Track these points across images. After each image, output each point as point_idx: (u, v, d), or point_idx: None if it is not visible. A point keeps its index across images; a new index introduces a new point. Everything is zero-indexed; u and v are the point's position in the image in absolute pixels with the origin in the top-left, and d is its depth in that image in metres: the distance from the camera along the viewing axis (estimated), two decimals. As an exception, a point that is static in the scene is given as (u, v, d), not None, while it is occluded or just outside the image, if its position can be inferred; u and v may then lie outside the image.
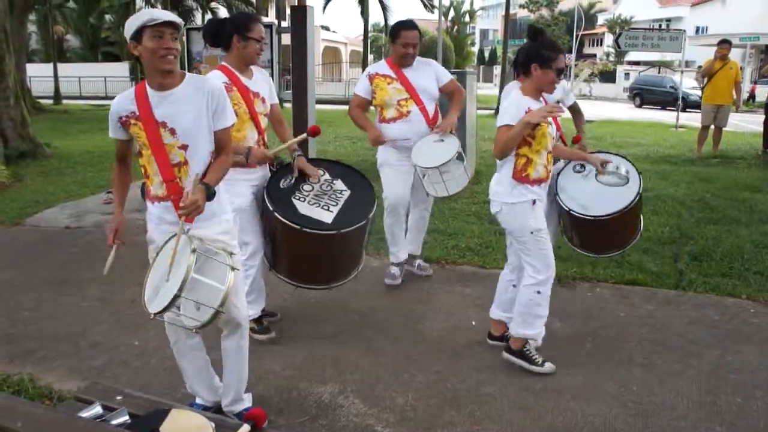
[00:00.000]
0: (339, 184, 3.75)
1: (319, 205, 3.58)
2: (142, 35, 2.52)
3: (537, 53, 3.26)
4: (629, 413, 3.06)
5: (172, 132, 2.63)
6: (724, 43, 10.49)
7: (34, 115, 16.95)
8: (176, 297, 2.28)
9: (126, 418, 1.75)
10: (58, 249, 5.75)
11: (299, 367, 3.52)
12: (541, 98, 3.40)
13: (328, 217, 3.52)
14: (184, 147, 2.65)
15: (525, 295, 3.44)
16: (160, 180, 2.70)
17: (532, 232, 3.35)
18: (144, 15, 2.55)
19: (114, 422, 1.73)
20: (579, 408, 3.11)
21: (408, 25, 4.38)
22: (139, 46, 2.55)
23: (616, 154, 4.29)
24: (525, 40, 4.60)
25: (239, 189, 3.50)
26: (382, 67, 4.45)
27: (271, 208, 3.48)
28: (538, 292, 3.40)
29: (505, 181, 3.40)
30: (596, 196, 3.94)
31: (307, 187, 3.66)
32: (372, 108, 4.54)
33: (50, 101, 26.17)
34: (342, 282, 3.78)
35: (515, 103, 3.28)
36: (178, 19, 2.61)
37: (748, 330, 3.99)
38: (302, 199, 3.59)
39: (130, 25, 2.55)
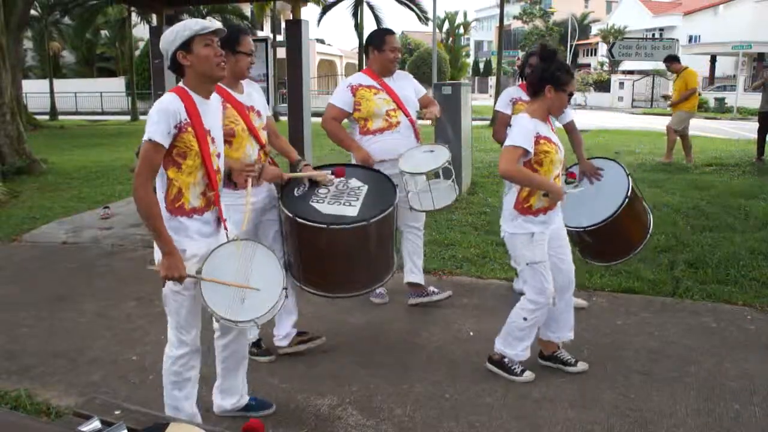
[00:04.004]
0: (354, 182, 3.63)
1: (340, 203, 3.46)
2: (192, 44, 2.53)
3: (552, 75, 3.25)
4: (627, 421, 3.06)
5: (213, 140, 2.66)
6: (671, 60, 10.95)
7: (31, 131, 16.99)
8: (285, 288, 2.69)
9: (124, 432, 1.75)
10: (56, 265, 5.74)
11: (297, 380, 3.51)
12: (548, 121, 3.40)
13: (351, 212, 3.39)
14: (218, 155, 2.72)
15: (513, 317, 3.48)
16: (201, 190, 2.65)
17: (528, 264, 3.37)
18: (194, 24, 2.55)
19: (112, 437, 1.73)
20: (577, 416, 3.11)
21: (390, 30, 4.38)
22: (189, 55, 2.54)
23: (606, 158, 4.31)
24: (519, 51, 4.62)
25: (238, 215, 3.19)
26: (363, 78, 4.31)
27: (291, 215, 3.32)
28: (525, 319, 3.42)
29: (508, 209, 3.43)
30: (585, 206, 3.99)
31: (322, 190, 3.53)
32: (347, 120, 4.37)
33: (46, 117, 26.24)
34: (381, 283, 3.66)
35: (525, 126, 3.26)
36: (223, 27, 2.66)
37: (745, 336, 4.00)
38: (321, 201, 3.46)
39: (179, 35, 2.52)
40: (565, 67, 3.31)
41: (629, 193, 3.95)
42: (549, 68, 3.28)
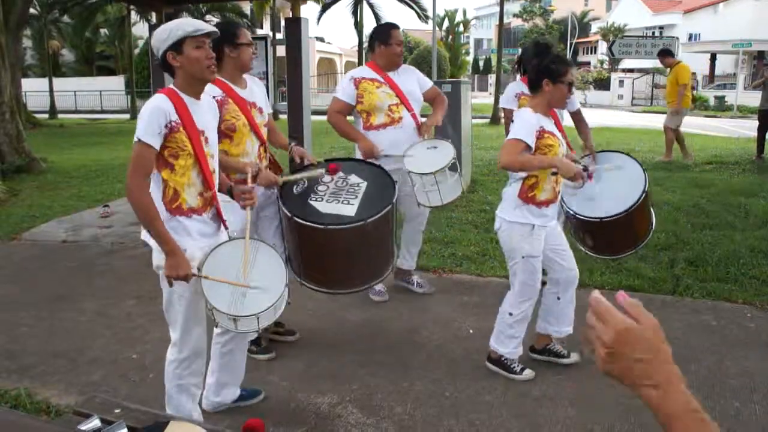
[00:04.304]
0: (354, 178, 3.61)
1: (339, 201, 3.45)
2: (183, 46, 2.50)
3: (547, 69, 3.23)
4: (628, 420, 3.06)
5: (206, 141, 2.64)
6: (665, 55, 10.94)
7: (30, 129, 16.98)
8: (287, 285, 2.68)
9: (124, 430, 1.75)
10: (56, 264, 5.74)
11: (297, 378, 3.51)
12: (551, 114, 3.37)
13: (350, 211, 3.39)
14: (212, 156, 2.70)
15: (501, 314, 3.48)
16: (198, 190, 2.63)
17: (523, 257, 3.33)
18: (187, 25, 2.52)
19: (112, 435, 1.73)
20: (578, 415, 3.11)
21: (396, 25, 4.41)
22: (180, 56, 2.51)
23: (618, 152, 4.27)
24: (519, 49, 4.61)
25: (239, 209, 3.19)
26: (366, 71, 4.32)
27: (290, 215, 3.34)
28: (510, 314, 3.42)
29: (510, 198, 3.38)
30: (600, 197, 3.94)
31: (321, 187, 3.52)
32: (350, 117, 4.40)
33: (46, 116, 26.22)
34: (381, 279, 3.67)
35: (527, 121, 3.24)
36: (215, 29, 2.63)
37: (745, 334, 4.00)
38: (319, 199, 3.46)
39: (171, 35, 2.49)
40: (559, 58, 3.29)
41: (647, 186, 3.91)
42: (543, 62, 3.26)
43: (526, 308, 3.42)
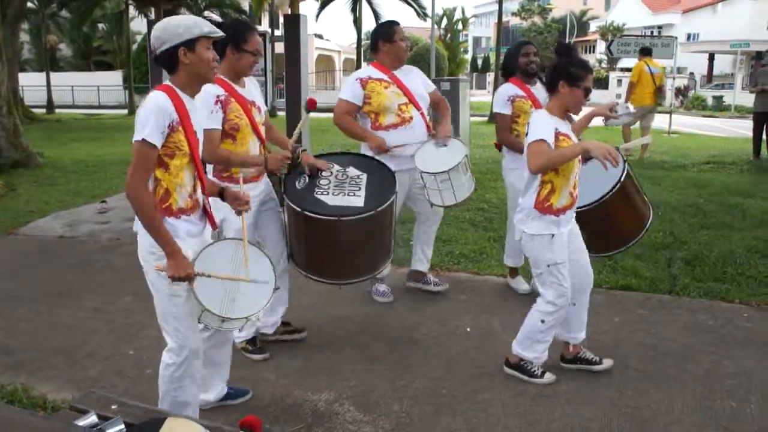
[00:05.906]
0: (352, 171, 3.71)
1: (345, 194, 3.55)
2: (197, 44, 2.49)
3: (566, 71, 3.16)
4: (625, 418, 3.06)
5: (198, 141, 2.64)
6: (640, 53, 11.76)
7: (27, 124, 16.92)
8: (276, 289, 2.63)
9: (121, 426, 1.74)
10: (53, 259, 5.73)
11: (294, 375, 3.51)
12: (566, 117, 3.32)
13: (358, 202, 3.52)
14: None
15: (531, 319, 3.40)
16: (188, 191, 2.61)
17: (548, 266, 3.28)
18: (204, 25, 2.52)
19: (109, 431, 1.73)
20: (575, 413, 3.11)
21: (396, 21, 4.36)
22: (191, 54, 2.50)
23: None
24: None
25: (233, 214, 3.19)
26: (373, 71, 4.26)
27: (300, 210, 3.38)
28: (543, 321, 3.35)
29: (526, 209, 3.30)
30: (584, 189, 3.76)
31: (323, 181, 3.60)
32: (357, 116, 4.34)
33: (43, 110, 26.14)
34: (380, 270, 3.84)
35: (544, 120, 3.18)
36: (224, 33, 2.66)
37: (741, 334, 4.01)
38: (325, 193, 3.54)
39: (188, 31, 2.47)
40: (578, 62, 3.21)
41: (622, 177, 3.73)
42: (562, 63, 3.21)
43: (557, 316, 3.36)
